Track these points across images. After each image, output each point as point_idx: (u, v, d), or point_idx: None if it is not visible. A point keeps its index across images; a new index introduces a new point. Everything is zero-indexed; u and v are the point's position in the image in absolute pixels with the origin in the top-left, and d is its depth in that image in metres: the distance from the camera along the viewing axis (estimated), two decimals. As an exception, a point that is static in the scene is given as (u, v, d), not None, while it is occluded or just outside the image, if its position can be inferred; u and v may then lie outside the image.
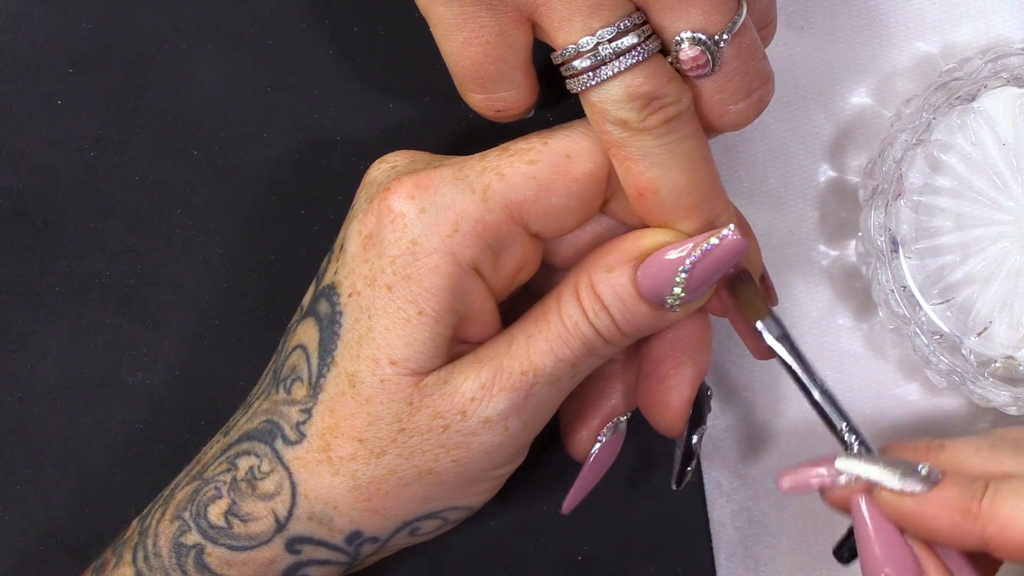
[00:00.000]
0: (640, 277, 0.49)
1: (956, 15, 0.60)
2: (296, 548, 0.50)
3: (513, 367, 0.49)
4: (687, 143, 0.48)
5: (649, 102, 0.47)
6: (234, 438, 0.51)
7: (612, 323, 0.49)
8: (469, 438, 0.49)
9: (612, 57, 0.47)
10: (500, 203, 0.48)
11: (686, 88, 0.48)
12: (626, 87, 0.47)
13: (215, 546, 0.50)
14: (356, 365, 0.49)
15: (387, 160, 0.51)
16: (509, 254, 0.49)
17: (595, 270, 0.49)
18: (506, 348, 0.49)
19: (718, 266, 0.49)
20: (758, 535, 0.60)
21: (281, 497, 0.49)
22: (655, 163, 0.48)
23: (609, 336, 0.49)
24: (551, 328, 0.49)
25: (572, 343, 0.49)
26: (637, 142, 0.48)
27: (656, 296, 0.49)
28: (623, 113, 0.47)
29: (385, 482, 0.49)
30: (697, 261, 0.48)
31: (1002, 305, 0.56)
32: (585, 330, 0.49)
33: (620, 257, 0.49)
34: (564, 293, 0.49)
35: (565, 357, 0.49)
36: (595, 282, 0.49)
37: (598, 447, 0.53)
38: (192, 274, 0.59)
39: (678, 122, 0.48)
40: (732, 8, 0.47)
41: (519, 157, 0.49)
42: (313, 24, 0.59)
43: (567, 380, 0.50)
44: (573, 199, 0.49)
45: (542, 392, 0.49)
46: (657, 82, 0.47)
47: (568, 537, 0.59)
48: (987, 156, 0.56)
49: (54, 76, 0.59)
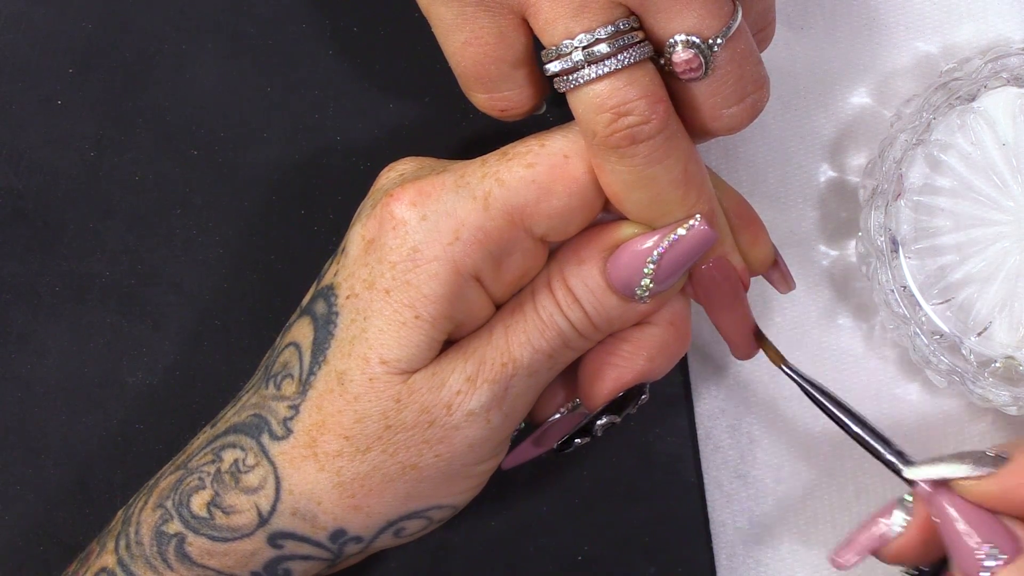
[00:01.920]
0: (610, 269, 0.49)
1: (956, 15, 0.60)
2: (278, 543, 0.50)
3: (495, 358, 0.49)
4: (653, 168, 0.48)
5: (617, 117, 0.47)
6: (220, 430, 0.51)
7: (584, 315, 0.50)
8: (452, 432, 0.49)
9: (584, 64, 0.47)
10: (501, 210, 0.48)
11: (660, 108, 0.47)
12: (594, 96, 0.47)
13: (196, 536, 0.50)
14: (346, 363, 0.49)
15: (395, 168, 0.51)
16: (511, 260, 0.50)
17: (567, 263, 0.50)
18: (487, 339, 0.50)
19: (686, 256, 0.49)
20: (758, 535, 0.60)
21: (265, 491, 0.50)
22: (617, 179, 0.48)
23: (582, 328, 0.50)
24: (527, 320, 0.50)
25: (548, 334, 0.50)
26: (603, 154, 0.48)
27: (626, 287, 0.49)
28: (591, 123, 0.47)
29: (369, 479, 0.49)
30: (665, 251, 0.49)
31: (1002, 305, 0.56)
32: (560, 322, 0.50)
33: (591, 250, 0.50)
34: (538, 286, 0.50)
35: (542, 348, 0.49)
36: (567, 275, 0.50)
37: (556, 417, 0.54)
38: (192, 274, 0.59)
39: (646, 146, 0.47)
40: (727, 12, 0.47)
41: (517, 161, 0.49)
42: (313, 24, 0.59)
43: (544, 372, 0.50)
44: (574, 199, 0.49)
45: (521, 384, 0.50)
46: (626, 95, 0.47)
47: (568, 537, 0.59)
48: (987, 156, 0.56)
49: (54, 76, 0.59)
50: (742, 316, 0.52)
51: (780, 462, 0.60)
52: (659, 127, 0.47)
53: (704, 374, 0.60)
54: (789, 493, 0.60)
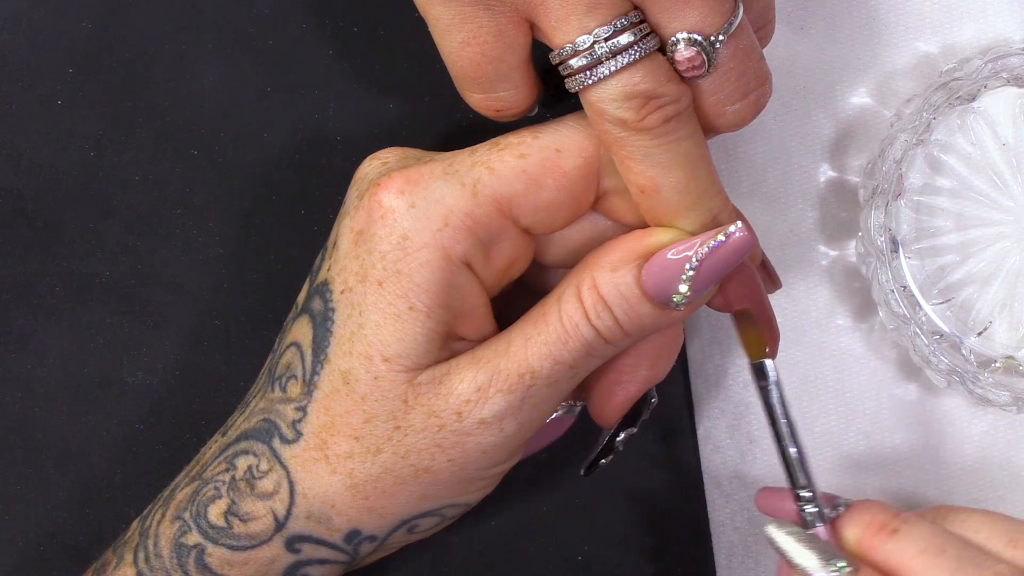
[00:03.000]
0: (645, 276, 0.49)
1: (956, 15, 0.60)
2: (296, 547, 0.50)
3: (511, 369, 0.49)
4: (686, 143, 0.48)
5: (647, 101, 0.47)
6: (232, 437, 0.51)
7: (615, 323, 0.49)
8: (464, 438, 0.49)
9: (609, 55, 0.47)
10: (490, 197, 0.48)
11: (684, 88, 0.48)
12: (623, 86, 0.47)
13: (215, 546, 0.50)
14: (349, 362, 0.49)
15: (378, 157, 0.51)
16: (499, 249, 0.49)
17: (598, 269, 0.49)
18: (504, 349, 0.49)
19: (725, 263, 0.48)
20: (758, 535, 0.60)
21: (279, 496, 0.50)
22: (655, 162, 0.48)
23: (611, 337, 0.49)
24: (550, 330, 0.49)
25: (571, 345, 0.49)
26: (636, 141, 0.48)
27: (661, 295, 0.49)
28: (621, 112, 0.47)
29: (382, 480, 0.49)
30: (704, 258, 0.48)
31: (1002, 305, 0.56)
32: (585, 331, 0.49)
33: (624, 256, 0.49)
34: (565, 293, 0.49)
35: (563, 360, 0.49)
36: (599, 282, 0.49)
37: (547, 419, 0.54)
38: (192, 274, 0.59)
39: (677, 122, 0.48)
40: (729, 9, 0.47)
41: (509, 151, 0.49)
42: (313, 24, 0.59)
43: (565, 381, 0.50)
44: (563, 193, 0.49)
45: (539, 394, 0.49)
46: (655, 81, 0.47)
47: (568, 537, 0.59)
48: (987, 156, 0.56)
49: (54, 76, 0.59)
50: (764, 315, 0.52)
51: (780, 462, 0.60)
52: (688, 103, 0.48)
53: (704, 374, 0.60)
54: (789, 493, 0.60)
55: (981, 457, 0.60)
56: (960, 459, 0.60)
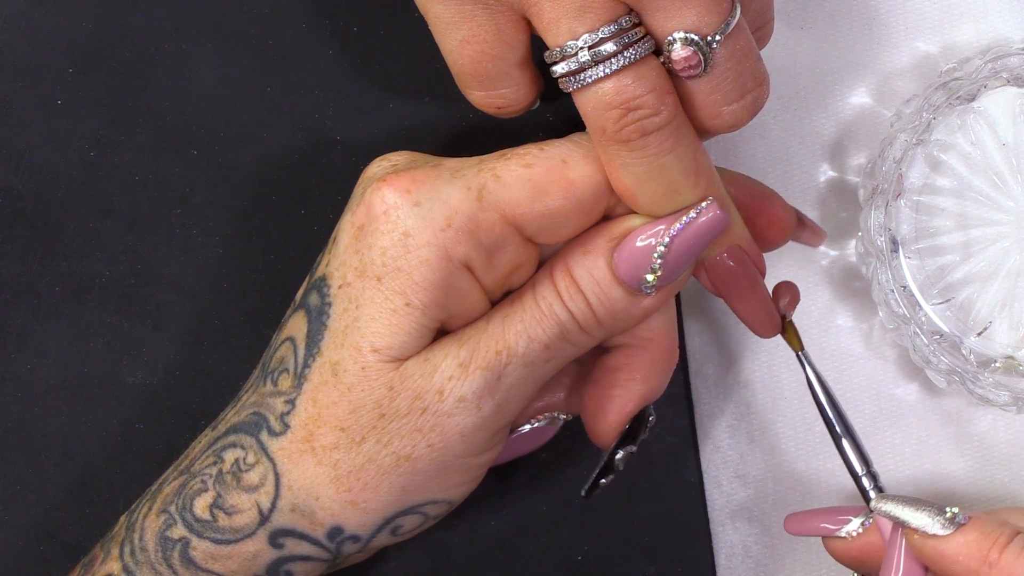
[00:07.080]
0: (617, 259, 0.49)
1: (956, 15, 0.60)
2: (279, 542, 0.50)
3: (489, 345, 0.49)
4: (665, 158, 0.48)
5: (626, 112, 0.47)
6: (221, 431, 0.51)
7: (587, 306, 0.50)
8: (444, 420, 0.49)
9: (591, 64, 0.47)
10: (494, 203, 0.49)
11: (669, 100, 0.48)
12: (603, 94, 0.47)
13: (200, 540, 0.50)
14: (339, 354, 0.49)
15: (388, 158, 0.51)
16: (502, 256, 0.50)
17: (571, 253, 0.50)
18: (483, 327, 0.50)
19: (697, 240, 0.49)
20: (758, 535, 0.60)
21: (265, 488, 0.50)
22: (630, 173, 0.48)
23: (583, 321, 0.50)
24: (525, 309, 0.50)
25: (545, 324, 0.49)
26: (613, 150, 0.48)
27: (633, 278, 0.49)
28: (600, 120, 0.48)
29: (364, 471, 0.49)
30: (675, 236, 0.49)
31: (1002, 305, 0.56)
32: (559, 311, 0.49)
33: (597, 240, 0.50)
34: (540, 276, 0.50)
35: (538, 338, 0.49)
36: (571, 265, 0.50)
37: (527, 428, 0.54)
38: (192, 274, 0.59)
39: (658, 136, 0.48)
40: (726, 9, 0.47)
41: (516, 160, 0.49)
42: (313, 24, 0.59)
43: (541, 364, 0.50)
44: (568, 202, 0.49)
45: (515, 374, 0.49)
46: (634, 91, 0.47)
47: (568, 537, 0.59)
48: (987, 156, 0.56)
49: (54, 76, 0.59)
50: (762, 303, 0.52)
51: (780, 462, 0.60)
52: (669, 117, 0.48)
53: (704, 374, 0.60)
54: (789, 493, 0.60)
55: (981, 457, 0.60)
56: (960, 459, 0.60)
